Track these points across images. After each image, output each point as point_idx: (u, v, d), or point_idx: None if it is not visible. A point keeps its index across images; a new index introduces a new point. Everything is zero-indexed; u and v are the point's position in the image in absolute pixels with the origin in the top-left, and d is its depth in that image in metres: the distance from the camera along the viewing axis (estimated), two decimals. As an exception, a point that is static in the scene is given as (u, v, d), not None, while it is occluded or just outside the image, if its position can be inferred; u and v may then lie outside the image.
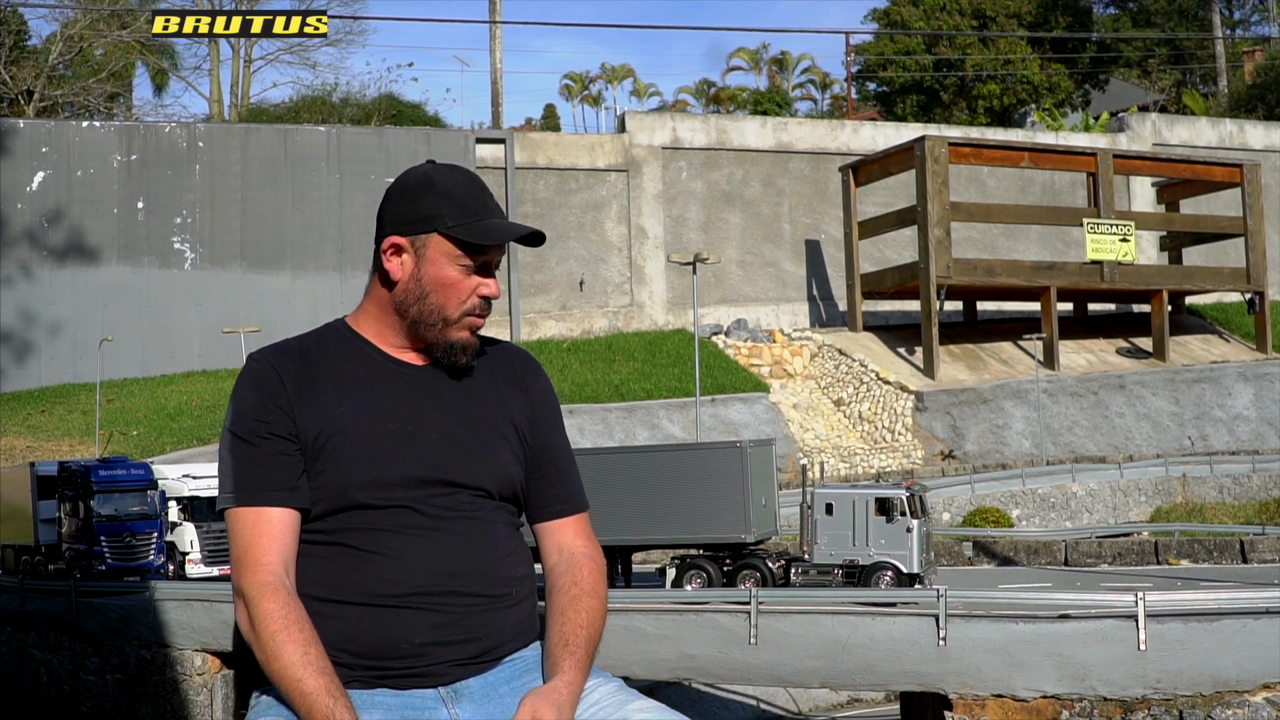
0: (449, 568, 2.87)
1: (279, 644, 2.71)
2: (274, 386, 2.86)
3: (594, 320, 55.29)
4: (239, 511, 2.83)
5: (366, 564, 2.84)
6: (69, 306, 48.73)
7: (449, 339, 2.95)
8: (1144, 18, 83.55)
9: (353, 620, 2.82)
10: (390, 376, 2.96)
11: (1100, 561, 33.10)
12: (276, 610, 2.74)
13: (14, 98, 61.07)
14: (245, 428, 2.85)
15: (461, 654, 2.88)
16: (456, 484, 2.92)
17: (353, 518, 2.85)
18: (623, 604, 21.33)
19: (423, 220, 2.91)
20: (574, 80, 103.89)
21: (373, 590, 2.84)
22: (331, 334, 3.01)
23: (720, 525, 25.42)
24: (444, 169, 2.98)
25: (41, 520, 30.84)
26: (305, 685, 2.68)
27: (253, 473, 2.83)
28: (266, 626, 2.73)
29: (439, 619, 2.85)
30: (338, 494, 2.84)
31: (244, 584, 2.79)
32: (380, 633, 2.83)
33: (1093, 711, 18.07)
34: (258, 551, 2.80)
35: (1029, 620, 18.91)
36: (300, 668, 2.69)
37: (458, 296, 2.93)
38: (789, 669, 20.30)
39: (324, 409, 2.87)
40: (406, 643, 2.83)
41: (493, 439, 3.00)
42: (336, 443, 2.85)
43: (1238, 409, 52.41)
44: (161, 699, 24.13)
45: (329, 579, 2.85)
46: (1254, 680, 17.69)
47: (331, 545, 2.86)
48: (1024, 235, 60.99)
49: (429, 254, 2.92)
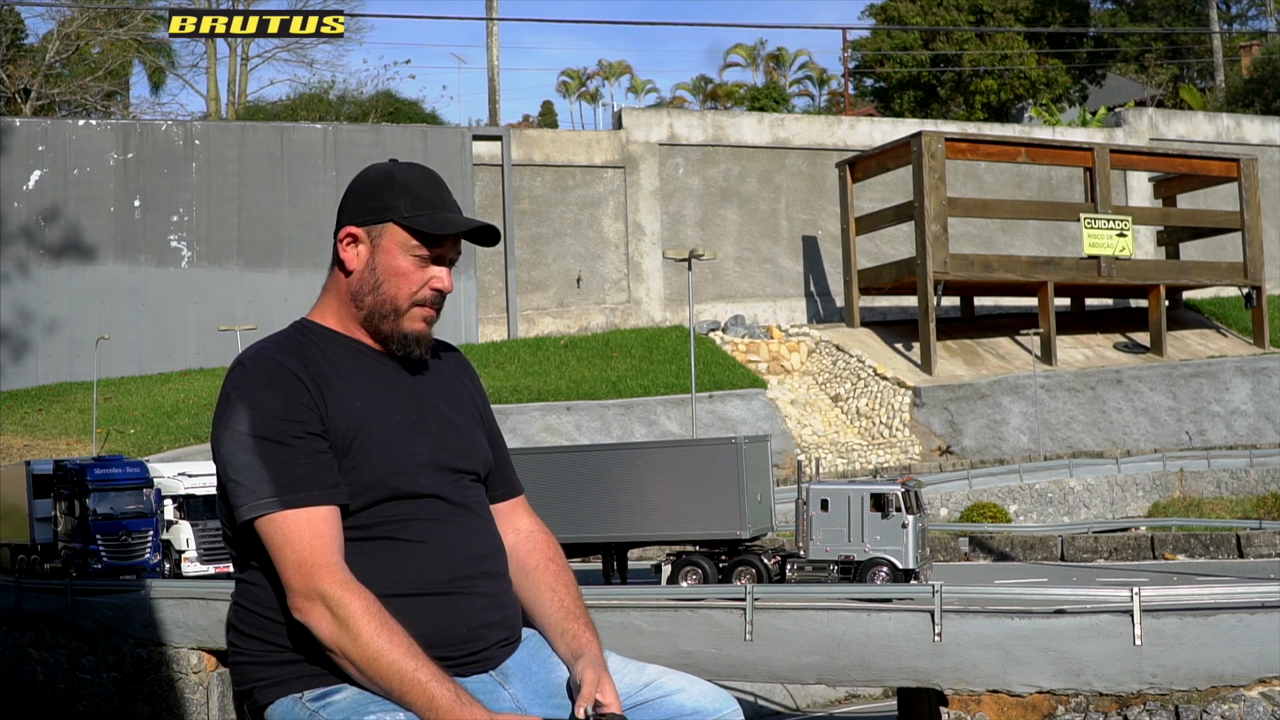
0: (479, 549, 2.96)
1: (383, 639, 2.70)
2: (296, 386, 2.84)
3: (591, 317, 55.27)
4: (288, 515, 2.76)
5: (414, 554, 2.87)
6: (66, 305, 48.71)
7: (402, 329, 2.96)
8: (1141, 12, 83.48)
9: (413, 611, 2.81)
10: (382, 368, 2.99)
11: (1097, 556, 33.12)
12: (370, 607, 2.72)
13: (11, 96, 61.05)
14: (275, 429, 2.79)
15: (504, 634, 2.96)
16: (460, 469, 2.99)
17: (388, 509, 2.87)
18: (618, 600, 21.34)
19: (379, 211, 2.95)
20: (571, 77, 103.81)
21: (425, 578, 2.86)
22: (308, 332, 3.00)
23: (716, 521, 25.42)
24: (404, 165, 3.02)
25: (37, 519, 30.86)
26: (421, 675, 2.68)
27: (294, 474, 2.78)
28: (366, 625, 2.70)
29: (484, 601, 2.93)
30: (373, 486, 2.86)
31: (324, 587, 2.72)
32: (441, 620, 2.86)
33: (1088, 707, 18.07)
34: (324, 552, 2.76)
35: (1025, 616, 18.92)
36: (412, 659, 2.69)
37: (410, 286, 2.95)
38: (785, 665, 20.30)
39: (343, 404, 2.88)
40: (465, 627, 2.88)
41: (475, 425, 3.10)
42: (364, 436, 2.87)
43: (1235, 404, 52.42)
44: (158, 697, 24.13)
45: (381, 573, 2.83)
46: (1250, 675, 17.69)
47: (373, 540, 2.86)
48: (1021, 230, 60.96)
49: (384, 243, 2.95)
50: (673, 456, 26.89)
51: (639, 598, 21.74)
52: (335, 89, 66.94)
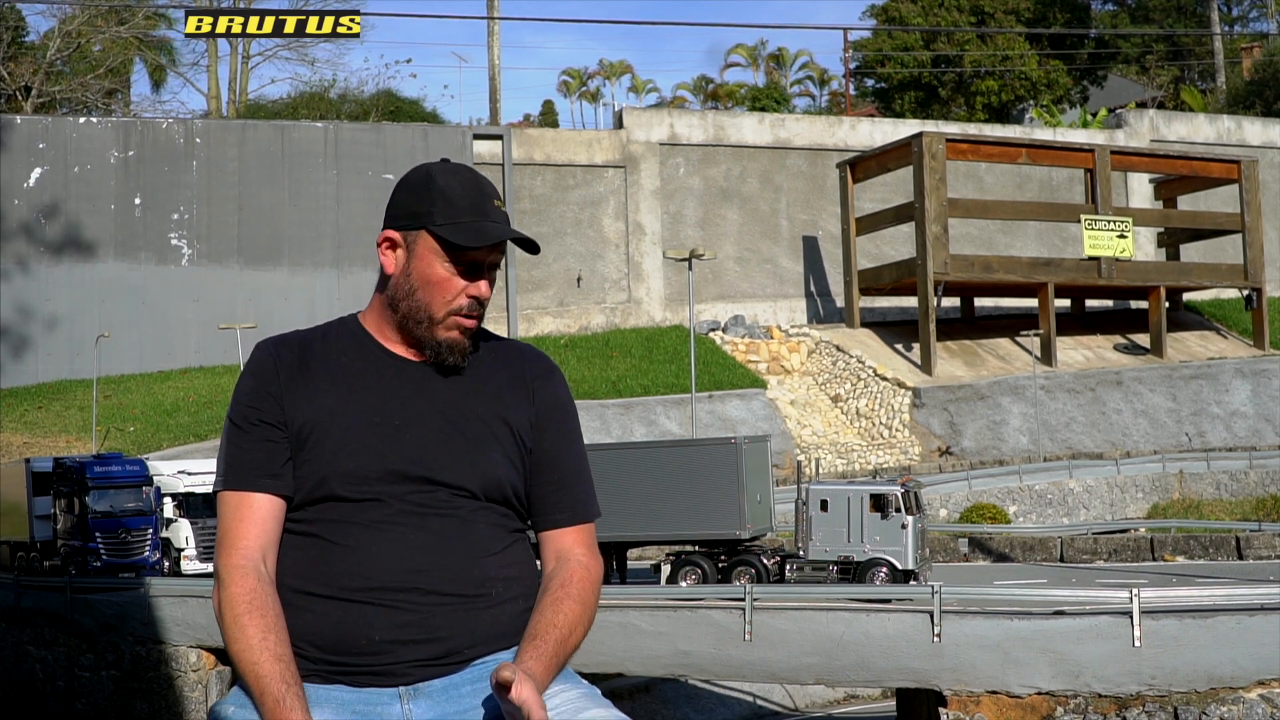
0: (416, 564, 2.83)
1: (241, 626, 2.73)
2: (268, 374, 2.89)
3: (591, 316, 55.26)
4: (225, 495, 2.86)
5: (335, 556, 2.83)
6: (66, 302, 48.71)
7: (435, 338, 2.92)
8: (1142, 14, 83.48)
9: (318, 613, 2.81)
10: (384, 370, 2.95)
11: (1096, 558, 33.11)
12: (243, 593, 2.76)
13: (12, 93, 61.03)
14: (239, 414, 2.89)
15: (423, 654, 2.82)
16: (436, 481, 2.87)
17: (328, 509, 2.85)
18: (618, 600, 21.33)
19: (414, 216, 2.92)
20: (572, 76, 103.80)
21: (338, 583, 2.82)
22: (339, 327, 3.03)
23: (715, 521, 25.40)
24: (448, 167, 2.97)
25: (37, 516, 30.82)
26: (260, 669, 2.68)
27: (241, 458, 2.86)
28: (232, 608, 2.75)
29: (402, 617, 2.81)
30: (316, 484, 2.85)
31: (219, 565, 2.83)
32: (341, 627, 2.81)
33: (1087, 708, 18.06)
34: (236, 534, 2.83)
35: (1024, 617, 18.91)
36: (258, 651, 2.69)
37: (444, 295, 2.91)
38: (784, 665, 20.30)
39: (312, 399, 2.87)
40: (365, 638, 2.80)
41: (484, 439, 2.93)
42: (320, 433, 2.86)
43: (1235, 405, 52.41)
44: (156, 695, 24.13)
45: (302, 570, 2.85)
46: (1249, 677, 17.68)
47: (308, 536, 2.86)
48: (1021, 231, 60.97)
49: (419, 250, 2.92)
50: (672, 456, 26.86)
51: (638, 597, 21.73)
52: (336, 88, 66.96)
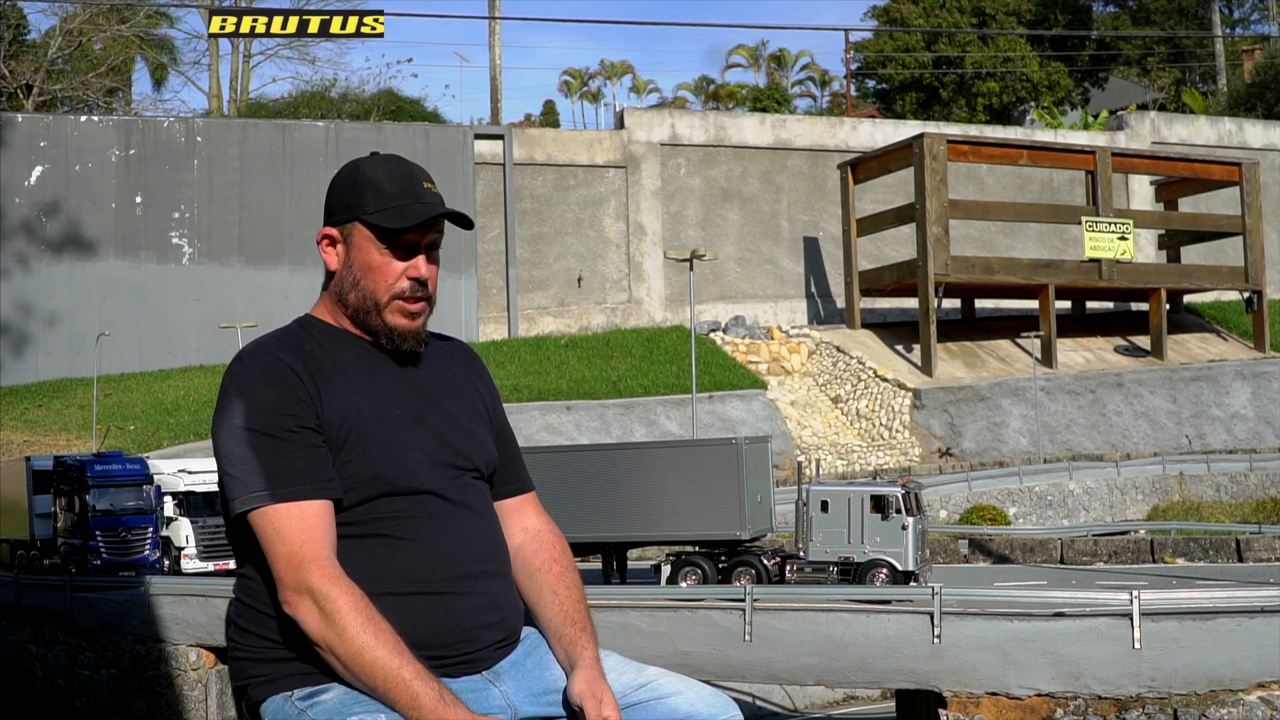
0: (478, 549, 2.94)
1: (369, 635, 2.69)
2: (291, 380, 2.85)
3: (592, 316, 55.26)
4: (280, 509, 2.76)
5: (410, 552, 2.85)
6: (66, 300, 48.71)
7: (387, 324, 2.97)
8: (1143, 16, 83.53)
9: (405, 611, 2.80)
10: (381, 363, 2.98)
11: (1096, 560, 33.11)
12: (357, 602, 2.71)
13: (13, 92, 61.02)
14: (269, 423, 2.80)
15: (498, 635, 2.94)
16: (461, 466, 2.97)
17: (383, 505, 2.86)
18: (617, 600, 21.33)
19: (347, 209, 2.98)
20: (573, 77, 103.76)
21: (418, 578, 2.84)
22: (309, 328, 3.01)
23: (715, 522, 25.41)
24: (376, 159, 3.02)
25: (37, 515, 30.87)
26: (405, 673, 2.67)
27: (286, 467, 2.77)
28: (352, 620, 2.68)
29: (480, 602, 2.90)
30: (369, 481, 2.84)
31: (312, 580, 2.71)
32: (434, 620, 2.84)
33: (1087, 710, 18.06)
34: (314, 546, 2.74)
35: (1024, 618, 18.90)
36: (397, 656, 2.68)
37: (385, 280, 2.95)
38: (784, 666, 20.30)
39: (340, 398, 2.87)
40: (459, 628, 2.86)
41: (479, 421, 3.08)
42: (360, 430, 2.86)
43: (1235, 407, 52.40)
44: (156, 694, 24.12)
45: (375, 571, 2.82)
46: (1249, 679, 17.68)
47: (368, 536, 2.85)
48: (1022, 233, 60.97)
49: (355, 240, 2.97)
50: (673, 457, 26.87)
51: (638, 598, 21.72)
52: (337, 87, 66.94)
